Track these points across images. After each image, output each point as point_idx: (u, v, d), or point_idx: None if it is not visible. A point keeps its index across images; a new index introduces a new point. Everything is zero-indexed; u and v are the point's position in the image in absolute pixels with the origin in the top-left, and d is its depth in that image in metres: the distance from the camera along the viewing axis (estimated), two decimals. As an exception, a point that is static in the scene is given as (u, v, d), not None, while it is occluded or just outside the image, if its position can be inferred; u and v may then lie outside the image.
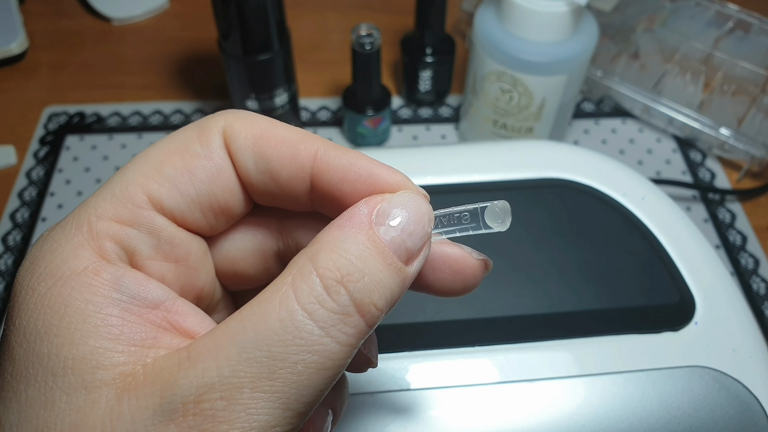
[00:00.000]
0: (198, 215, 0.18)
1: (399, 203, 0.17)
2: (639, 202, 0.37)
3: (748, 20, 0.60)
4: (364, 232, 0.16)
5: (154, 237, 0.18)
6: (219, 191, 0.18)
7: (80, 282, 0.16)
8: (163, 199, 0.18)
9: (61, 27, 0.67)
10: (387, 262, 0.16)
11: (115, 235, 0.17)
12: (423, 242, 0.17)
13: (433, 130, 0.59)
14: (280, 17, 0.48)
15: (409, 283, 0.17)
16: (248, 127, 0.18)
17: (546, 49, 0.46)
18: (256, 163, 0.18)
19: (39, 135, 0.58)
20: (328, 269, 0.16)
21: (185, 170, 0.18)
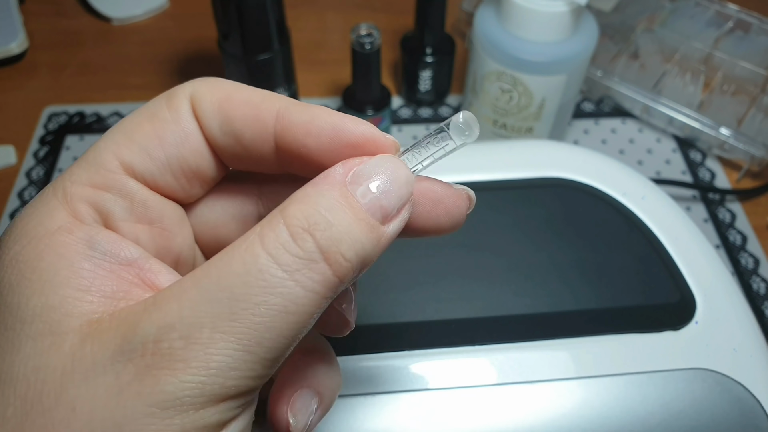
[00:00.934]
0: (170, 179, 0.19)
1: (376, 164, 0.17)
2: (639, 202, 0.37)
3: (747, 20, 0.60)
4: (338, 188, 0.16)
5: (127, 200, 0.18)
6: (188, 154, 0.19)
7: (54, 240, 0.16)
8: (135, 164, 0.18)
9: (61, 27, 0.67)
10: (358, 217, 0.16)
11: (89, 198, 0.17)
12: (400, 203, 0.17)
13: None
14: (279, 17, 0.48)
15: (385, 243, 0.17)
16: (213, 92, 0.19)
17: (546, 48, 0.46)
18: (221, 126, 0.18)
19: (39, 135, 0.58)
20: (296, 218, 0.16)
21: (155, 135, 0.18)
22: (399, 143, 0.19)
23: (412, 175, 0.18)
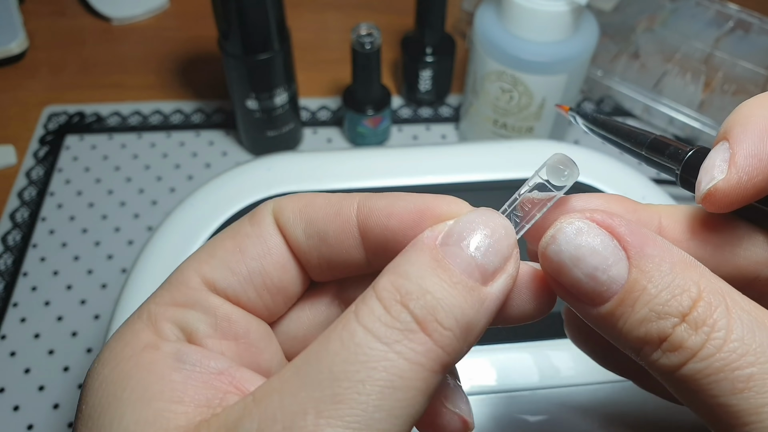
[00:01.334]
0: (252, 294, 0.18)
1: (467, 221, 0.16)
2: (640, 201, 0.37)
3: (748, 20, 0.60)
4: (427, 252, 0.16)
5: (211, 315, 0.18)
6: (271, 268, 0.18)
7: (142, 358, 0.16)
8: (216, 279, 0.18)
9: (61, 27, 0.67)
10: (453, 281, 0.15)
11: (172, 317, 0.17)
12: (501, 258, 0.16)
13: (433, 130, 0.59)
14: (279, 17, 0.47)
15: (492, 305, 0.16)
16: (294, 202, 0.19)
17: (546, 48, 0.46)
18: (306, 230, 0.18)
19: (39, 135, 0.58)
20: (386, 290, 0.15)
21: (236, 250, 0.18)
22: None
23: (510, 224, 0.16)
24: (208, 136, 0.58)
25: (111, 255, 0.50)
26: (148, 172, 0.55)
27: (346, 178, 0.38)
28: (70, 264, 0.49)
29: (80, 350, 0.45)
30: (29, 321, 0.46)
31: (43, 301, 0.47)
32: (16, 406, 0.42)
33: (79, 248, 0.50)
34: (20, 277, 0.48)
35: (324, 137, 0.58)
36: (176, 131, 0.58)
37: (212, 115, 0.60)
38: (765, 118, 0.16)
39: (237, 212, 0.36)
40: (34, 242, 0.50)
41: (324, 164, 0.38)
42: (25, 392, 0.43)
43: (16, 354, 0.44)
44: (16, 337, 0.45)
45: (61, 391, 0.43)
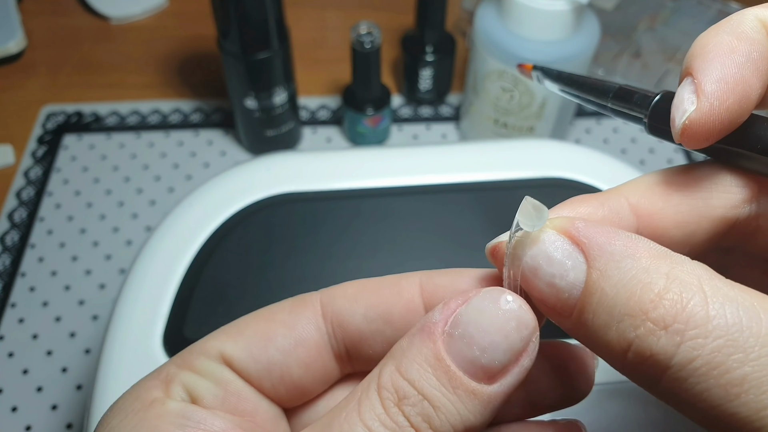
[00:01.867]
0: (267, 385, 0.18)
1: (475, 309, 0.15)
2: (641, 202, 0.37)
3: (750, 19, 0.60)
4: (430, 346, 0.15)
5: (221, 388, 0.17)
6: (294, 364, 0.18)
7: (148, 412, 0.16)
8: (234, 360, 0.18)
9: (60, 26, 0.67)
10: (453, 385, 0.14)
11: (183, 380, 0.17)
12: (512, 353, 0.14)
13: (433, 129, 0.59)
14: (279, 15, 0.47)
15: (496, 404, 0.15)
16: (344, 288, 0.18)
17: (547, 47, 0.45)
18: (366, 315, 0.18)
19: (37, 134, 0.57)
20: (387, 389, 0.15)
21: (264, 335, 0.18)
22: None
23: (527, 311, 0.15)
24: (207, 135, 0.58)
25: (109, 255, 0.49)
26: (146, 172, 0.55)
27: (345, 177, 0.37)
28: (69, 264, 0.49)
29: (79, 351, 0.45)
30: (27, 321, 0.46)
31: (42, 302, 0.47)
32: (14, 407, 0.42)
33: (78, 248, 0.50)
34: (18, 277, 0.48)
35: (323, 136, 0.58)
36: (175, 131, 0.58)
37: (211, 114, 0.59)
38: (721, 44, 0.16)
39: (236, 212, 0.36)
40: (32, 242, 0.50)
41: (323, 164, 0.38)
42: (23, 393, 0.43)
43: (14, 354, 0.44)
44: (14, 337, 0.45)
45: (60, 391, 0.43)
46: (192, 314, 0.32)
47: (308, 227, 0.35)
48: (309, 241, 0.35)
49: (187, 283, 0.33)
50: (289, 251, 0.34)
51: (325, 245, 0.34)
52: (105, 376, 0.30)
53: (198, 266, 0.34)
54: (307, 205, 0.36)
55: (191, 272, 0.33)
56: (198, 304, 0.32)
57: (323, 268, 0.34)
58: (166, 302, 0.32)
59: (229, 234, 0.35)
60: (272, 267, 0.34)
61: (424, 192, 0.37)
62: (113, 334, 0.31)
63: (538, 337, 0.15)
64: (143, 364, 0.30)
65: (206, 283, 0.33)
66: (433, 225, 0.36)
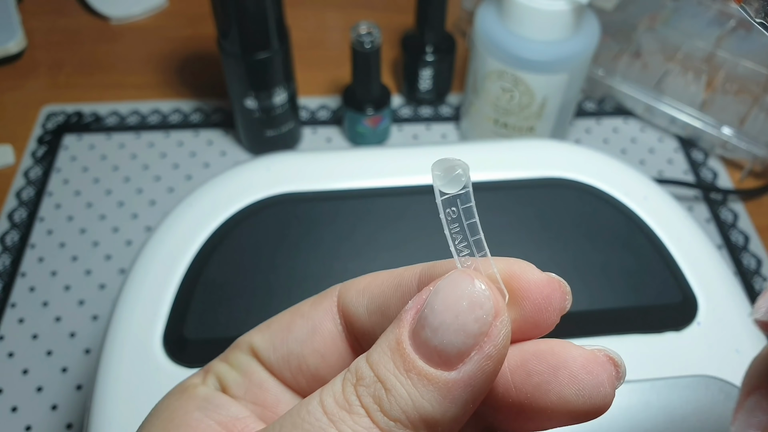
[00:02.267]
0: (288, 375, 0.19)
1: (435, 290, 0.14)
2: (641, 202, 0.37)
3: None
4: (396, 332, 0.15)
5: (246, 379, 0.19)
6: (309, 353, 0.18)
7: (183, 394, 0.19)
8: (260, 350, 0.19)
9: (60, 26, 0.67)
10: (406, 368, 0.14)
11: (217, 371, 0.19)
12: (461, 337, 0.14)
13: (433, 129, 0.59)
14: (279, 15, 0.47)
15: (460, 395, 0.14)
16: (360, 280, 0.19)
17: (547, 47, 0.45)
18: (368, 307, 0.18)
19: (37, 134, 0.57)
20: (350, 372, 0.15)
21: (286, 327, 0.19)
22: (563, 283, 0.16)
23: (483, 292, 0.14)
24: (207, 135, 0.58)
25: (109, 255, 0.49)
26: (146, 172, 0.55)
27: (345, 177, 0.37)
28: (69, 264, 0.49)
29: (79, 351, 0.45)
30: (27, 321, 0.46)
31: (42, 302, 0.47)
32: (14, 407, 0.42)
33: (78, 248, 0.50)
34: (18, 277, 0.48)
35: (323, 137, 0.58)
36: (175, 131, 0.58)
37: (211, 114, 0.59)
38: None
39: (236, 212, 0.36)
40: (32, 242, 0.50)
41: (323, 164, 0.38)
42: (23, 393, 0.43)
43: (14, 355, 0.44)
44: (14, 337, 0.45)
45: (60, 391, 0.43)
46: (192, 314, 0.32)
47: (308, 227, 0.35)
48: (309, 241, 0.35)
49: (187, 283, 0.33)
50: (289, 251, 0.34)
51: (325, 245, 0.34)
52: (105, 376, 0.30)
53: (198, 266, 0.34)
54: (307, 205, 0.36)
55: (191, 272, 0.33)
56: (198, 304, 0.32)
57: (323, 268, 0.34)
58: (166, 302, 0.32)
59: (229, 234, 0.35)
60: (272, 267, 0.34)
61: (424, 192, 0.37)
62: (113, 334, 0.31)
63: (504, 323, 0.14)
64: (143, 364, 0.30)
65: (206, 283, 0.33)
66: (433, 225, 0.36)
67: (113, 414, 0.29)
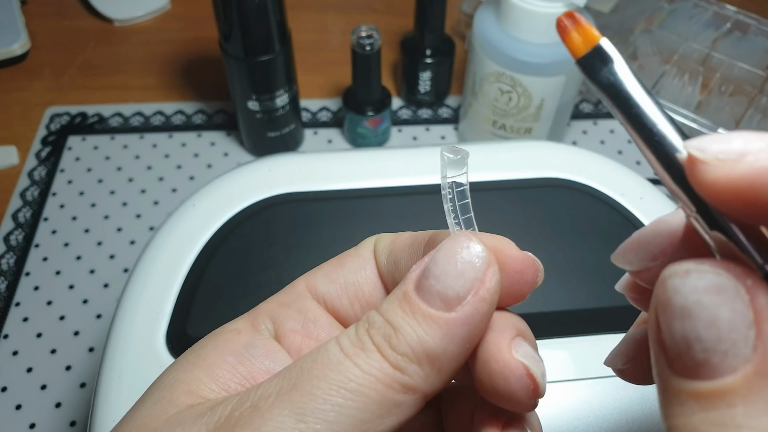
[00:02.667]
0: (345, 302, 0.21)
1: (436, 252, 0.17)
2: (637, 202, 0.37)
3: (746, 21, 0.61)
4: (402, 287, 0.17)
5: (302, 315, 0.20)
6: (363, 281, 0.21)
7: (223, 336, 0.19)
8: (317, 285, 0.21)
9: (63, 28, 0.68)
10: (412, 311, 0.16)
11: (270, 312, 0.20)
12: (460, 282, 0.16)
13: (432, 131, 0.59)
14: (280, 18, 0.48)
15: (459, 332, 0.16)
16: (391, 235, 0.21)
17: (545, 50, 0.46)
18: (387, 257, 0.20)
19: (41, 135, 0.58)
20: (363, 321, 0.17)
21: (339, 264, 0.21)
22: (537, 261, 0.18)
23: (478, 245, 0.17)
24: (210, 136, 0.58)
25: (113, 255, 0.50)
26: (149, 173, 0.55)
27: (346, 178, 0.38)
28: (73, 264, 0.49)
29: (82, 349, 0.45)
30: (31, 320, 0.46)
31: (46, 301, 0.47)
32: (18, 405, 0.43)
33: (82, 248, 0.50)
34: (23, 276, 0.49)
35: (324, 138, 0.59)
36: (178, 132, 0.59)
37: (213, 116, 0.60)
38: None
39: (238, 212, 0.36)
40: (36, 242, 0.51)
41: (324, 165, 0.39)
42: (27, 391, 0.43)
43: (18, 353, 0.45)
44: (19, 336, 0.45)
45: (63, 390, 0.43)
46: (195, 313, 0.32)
47: (310, 227, 0.36)
48: (310, 241, 0.35)
49: (190, 282, 0.33)
50: (291, 251, 0.35)
51: (327, 245, 0.35)
52: (109, 374, 0.30)
53: (201, 265, 0.34)
54: (308, 205, 0.36)
55: (194, 271, 0.34)
56: (201, 303, 0.33)
57: (324, 268, 0.34)
58: (170, 301, 0.33)
59: (231, 234, 0.35)
60: (274, 266, 0.34)
61: (424, 192, 0.37)
62: (117, 333, 0.32)
63: (495, 272, 0.17)
64: (147, 362, 0.31)
65: (209, 282, 0.33)
66: (433, 225, 0.36)
67: (117, 411, 0.29)
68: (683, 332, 0.13)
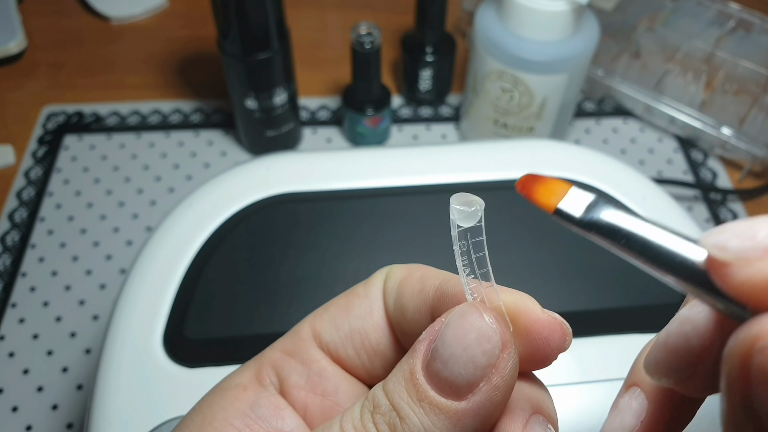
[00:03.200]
0: (351, 352, 0.19)
1: (446, 323, 0.15)
2: (640, 202, 0.37)
3: (749, 19, 0.60)
4: (410, 362, 0.15)
5: (306, 367, 0.19)
6: (370, 328, 0.19)
7: (229, 393, 0.19)
8: (322, 333, 0.19)
9: (60, 26, 0.67)
10: (419, 398, 0.15)
11: (274, 363, 0.19)
12: (471, 370, 0.14)
13: (433, 130, 0.59)
14: (279, 16, 0.47)
15: (469, 423, 0.15)
16: (402, 271, 0.19)
17: (547, 48, 0.45)
18: (395, 302, 0.19)
19: (37, 134, 0.57)
20: (368, 399, 0.16)
21: (345, 307, 0.19)
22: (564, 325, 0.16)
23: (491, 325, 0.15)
24: (208, 135, 0.58)
25: (110, 255, 0.49)
26: (147, 172, 0.55)
27: (345, 177, 0.37)
28: (69, 264, 0.49)
29: (79, 351, 0.45)
30: (28, 321, 0.46)
31: (42, 302, 0.47)
32: (14, 407, 0.42)
33: (78, 248, 0.50)
34: (19, 277, 0.48)
35: (323, 137, 0.58)
36: (175, 131, 0.58)
37: (211, 114, 0.59)
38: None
39: (236, 212, 0.36)
40: (32, 242, 0.50)
41: (323, 164, 0.38)
42: (23, 393, 0.43)
43: (14, 354, 0.44)
44: (15, 337, 0.45)
45: (60, 391, 0.43)
46: (192, 314, 0.32)
47: (308, 227, 0.35)
48: (309, 241, 0.35)
49: (187, 283, 0.33)
50: (289, 251, 0.34)
51: (325, 245, 0.35)
52: (105, 376, 0.30)
53: (198, 266, 0.34)
54: (307, 205, 0.36)
55: (191, 272, 0.33)
56: (198, 304, 0.32)
57: (323, 268, 0.34)
58: (167, 302, 0.32)
59: (229, 234, 0.35)
60: (272, 267, 0.34)
61: (424, 192, 0.37)
62: (114, 334, 0.31)
63: (512, 355, 0.15)
64: (143, 364, 0.30)
65: (206, 283, 0.33)
66: (433, 225, 0.36)
67: (114, 414, 0.29)
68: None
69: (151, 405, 0.29)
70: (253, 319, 0.32)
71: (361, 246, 0.35)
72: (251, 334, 0.31)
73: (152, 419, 0.28)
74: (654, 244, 0.13)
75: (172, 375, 0.30)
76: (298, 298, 0.33)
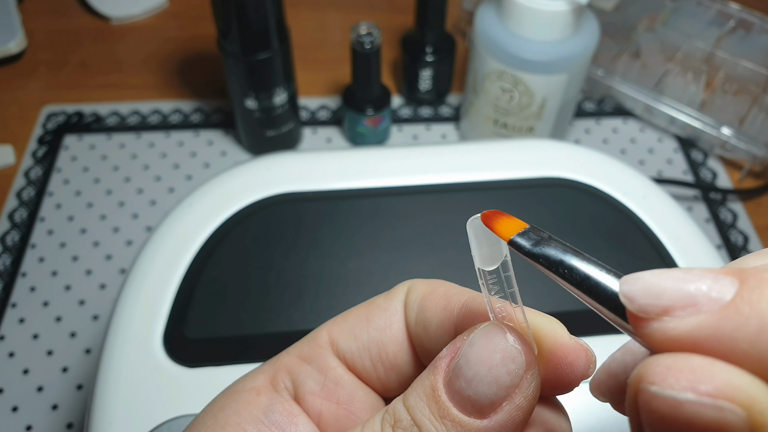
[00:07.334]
0: (368, 363, 0.19)
1: (470, 342, 0.15)
2: (640, 202, 0.37)
3: (749, 19, 0.60)
4: (431, 378, 0.15)
5: (322, 374, 0.19)
6: (388, 341, 0.19)
7: (242, 396, 0.18)
8: (340, 341, 0.19)
9: (60, 26, 0.67)
10: (441, 415, 0.15)
11: (289, 368, 0.19)
12: (498, 388, 0.15)
13: (433, 130, 0.59)
14: (279, 15, 0.47)
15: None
16: (424, 286, 0.19)
17: (547, 48, 0.45)
18: (417, 316, 0.19)
19: (37, 134, 0.57)
20: (389, 413, 0.16)
21: (365, 317, 0.19)
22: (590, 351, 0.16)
23: (515, 346, 0.15)
24: (207, 135, 0.58)
25: (110, 255, 0.49)
26: (147, 172, 0.55)
27: (345, 177, 0.37)
28: (69, 264, 0.49)
29: (79, 351, 0.45)
30: (28, 321, 0.46)
31: (42, 302, 0.47)
32: (14, 407, 0.42)
33: (78, 248, 0.50)
34: (19, 277, 0.48)
35: (323, 137, 0.58)
36: (175, 131, 0.58)
37: (211, 114, 0.59)
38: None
39: (236, 212, 0.36)
40: (32, 242, 0.50)
41: (323, 164, 0.38)
42: (23, 393, 0.43)
43: (14, 354, 0.44)
44: (15, 337, 0.45)
45: (60, 391, 0.43)
46: (192, 314, 0.32)
47: (308, 227, 0.35)
48: (309, 240, 0.35)
49: (187, 282, 0.33)
50: (289, 251, 0.34)
51: (325, 245, 0.35)
52: (105, 376, 0.30)
53: (198, 266, 0.34)
54: (307, 205, 0.36)
55: (191, 272, 0.33)
56: (198, 304, 0.32)
57: (323, 268, 0.34)
58: (167, 302, 0.32)
59: (229, 234, 0.35)
60: (272, 267, 0.34)
61: (424, 192, 0.37)
62: (114, 334, 0.31)
63: (534, 376, 0.15)
64: (144, 364, 0.30)
65: (206, 282, 0.33)
66: (433, 225, 0.36)
67: (114, 413, 0.29)
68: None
69: (151, 405, 0.29)
70: (253, 319, 0.32)
71: (361, 246, 0.35)
72: (251, 333, 0.31)
73: (152, 419, 0.28)
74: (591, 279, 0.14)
75: (172, 375, 0.30)
76: (298, 298, 0.33)
